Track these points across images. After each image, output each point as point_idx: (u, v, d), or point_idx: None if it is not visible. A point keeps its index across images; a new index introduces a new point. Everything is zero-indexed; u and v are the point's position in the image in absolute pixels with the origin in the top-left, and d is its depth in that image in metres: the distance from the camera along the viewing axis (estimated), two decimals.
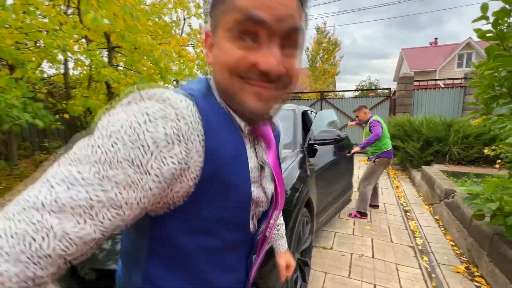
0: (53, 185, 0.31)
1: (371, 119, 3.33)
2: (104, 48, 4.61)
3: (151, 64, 3.73)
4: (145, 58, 3.82)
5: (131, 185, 0.33)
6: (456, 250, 2.52)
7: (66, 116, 3.80)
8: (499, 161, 3.19)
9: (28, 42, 3.45)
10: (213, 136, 0.39)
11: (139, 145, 0.33)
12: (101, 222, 0.32)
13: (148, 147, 0.33)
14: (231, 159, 0.42)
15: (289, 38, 0.39)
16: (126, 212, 0.34)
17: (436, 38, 23.63)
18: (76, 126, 4.99)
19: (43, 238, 0.29)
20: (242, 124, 0.45)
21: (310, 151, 2.39)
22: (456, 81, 7.94)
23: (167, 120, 0.34)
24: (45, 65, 5.00)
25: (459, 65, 19.29)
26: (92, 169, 0.32)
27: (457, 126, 4.75)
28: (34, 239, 0.29)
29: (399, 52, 23.55)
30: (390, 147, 3.28)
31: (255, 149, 0.50)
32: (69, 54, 3.57)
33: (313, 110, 3.86)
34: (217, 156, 0.39)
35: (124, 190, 0.33)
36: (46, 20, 2.98)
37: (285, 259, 0.79)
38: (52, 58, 2.96)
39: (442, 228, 2.97)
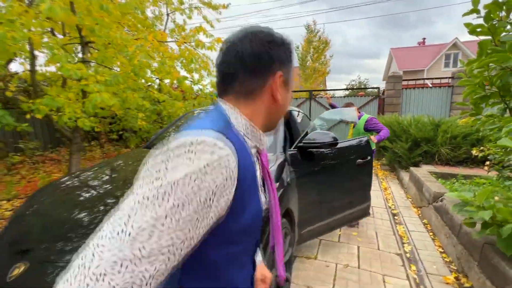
0: (135, 238, 0.34)
1: (367, 117, 3.24)
2: (78, 43, 4.32)
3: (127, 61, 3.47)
4: (120, 54, 3.56)
5: (201, 221, 0.40)
6: (445, 257, 2.40)
7: (38, 116, 3.50)
8: (487, 162, 3.11)
9: None
10: (242, 167, 0.45)
11: (204, 186, 0.39)
12: (181, 255, 0.39)
13: (212, 189, 0.40)
14: (250, 181, 0.49)
15: None
16: (195, 242, 0.41)
17: (424, 38, 23.98)
18: (53, 126, 4.66)
19: (141, 280, 0.34)
20: (253, 149, 0.56)
21: (302, 154, 2.21)
22: (443, 81, 7.96)
23: (221, 166, 0.41)
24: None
25: (446, 65, 19.62)
26: (169, 215, 0.36)
27: (445, 126, 4.68)
28: (135, 283, 0.34)
29: (389, 52, 23.78)
30: (374, 147, 3.23)
31: (259, 159, 0.62)
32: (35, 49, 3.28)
33: (299, 111, 3.70)
34: (243, 183, 0.46)
35: (195, 227, 0.39)
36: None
37: (260, 271, 0.79)
38: (6, 52, 2.65)
39: (431, 233, 2.86)
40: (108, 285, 0.32)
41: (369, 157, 2.58)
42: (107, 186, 1.85)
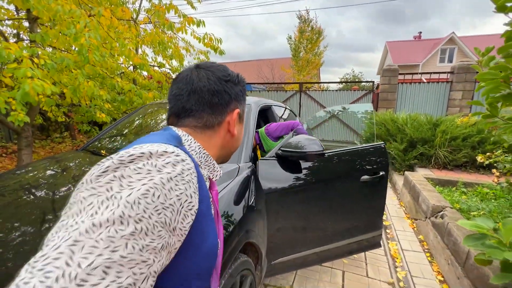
0: (84, 279, 0.26)
1: (264, 130, 2.33)
2: (25, 19, 3.66)
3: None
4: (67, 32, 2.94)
5: (163, 250, 0.34)
6: None
7: None
8: (495, 170, 2.70)
9: None
10: (200, 187, 0.42)
11: (167, 205, 0.34)
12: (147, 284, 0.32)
13: (176, 208, 0.36)
14: (207, 207, 0.44)
15: None
16: (157, 273, 0.34)
17: (420, 32, 23.54)
18: None
19: None
20: (218, 171, 0.56)
21: (282, 164, 1.72)
22: (442, 76, 7.56)
23: (185, 181, 0.38)
24: None
25: (441, 60, 19.33)
26: (129, 244, 0.30)
27: (444, 126, 4.26)
28: None
29: (384, 45, 23.31)
30: None
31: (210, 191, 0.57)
32: None
33: (285, 106, 3.19)
34: (201, 205, 0.42)
35: (159, 254, 0.33)
36: None
37: None
38: None
39: (428, 254, 2.45)
40: None
41: (381, 173, 1.88)
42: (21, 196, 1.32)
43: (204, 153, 0.52)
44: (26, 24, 4.03)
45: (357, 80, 25.74)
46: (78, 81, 3.10)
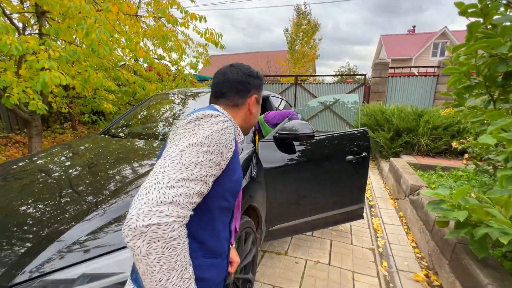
0: (188, 167, 0.55)
1: (263, 117, 2.77)
2: (33, 13, 3.82)
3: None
4: (78, 27, 3.14)
5: (218, 165, 0.62)
6: (417, 253, 2.34)
7: None
8: (466, 155, 3.04)
9: None
10: (234, 140, 0.69)
11: (223, 140, 0.63)
12: (208, 186, 0.60)
13: (227, 143, 0.64)
14: (236, 154, 0.71)
15: None
16: (214, 178, 0.62)
17: (414, 26, 23.82)
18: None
19: (191, 194, 0.54)
20: (242, 136, 0.81)
21: (278, 145, 2.01)
22: (430, 70, 7.89)
23: (231, 130, 0.66)
24: None
25: (434, 54, 19.68)
26: (206, 156, 0.58)
27: (427, 117, 4.61)
28: (188, 194, 0.54)
29: (379, 39, 23.54)
30: None
31: None
32: None
33: (281, 98, 3.46)
34: (234, 151, 0.68)
35: (216, 168, 0.61)
36: None
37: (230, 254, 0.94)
38: None
39: (405, 227, 2.80)
40: (175, 192, 0.51)
41: (364, 154, 2.20)
42: (58, 174, 1.59)
43: (233, 122, 0.76)
44: (27, 16, 4.17)
45: (352, 73, 26.02)
46: (88, 73, 3.32)
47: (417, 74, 7.79)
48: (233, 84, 0.77)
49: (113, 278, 0.88)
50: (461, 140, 3.11)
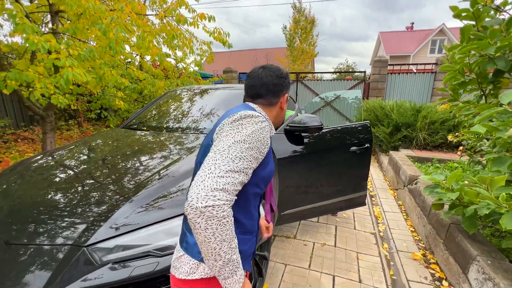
0: (234, 160, 0.65)
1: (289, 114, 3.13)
2: (46, 12, 3.96)
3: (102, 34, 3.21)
4: (95, 26, 3.29)
5: (257, 159, 0.70)
6: (415, 236, 2.55)
7: (5, 91, 3.24)
8: (461, 147, 3.25)
9: None
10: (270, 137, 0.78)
11: (261, 138, 0.71)
12: (249, 176, 0.69)
13: (264, 141, 0.72)
14: (270, 148, 0.78)
15: None
16: (251, 172, 0.70)
17: (412, 23, 23.97)
18: (24, 103, 4.29)
19: (235, 182, 0.64)
20: (275, 130, 0.90)
21: (288, 137, 2.18)
22: (428, 67, 8.08)
23: (267, 129, 0.75)
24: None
25: (432, 51, 19.87)
26: (248, 152, 0.67)
27: (425, 112, 4.81)
28: (234, 183, 0.64)
29: (377, 36, 23.69)
30: None
31: None
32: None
33: None
34: (269, 146, 0.76)
35: (255, 161, 0.70)
36: None
37: (263, 222, 1.15)
38: None
39: (404, 214, 3.01)
40: (225, 181, 0.61)
41: (366, 145, 2.39)
42: (83, 165, 1.77)
43: (268, 120, 0.84)
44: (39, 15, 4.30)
45: (350, 70, 26.19)
46: (103, 70, 3.47)
47: (415, 71, 7.98)
48: (269, 87, 0.85)
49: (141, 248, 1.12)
50: (456, 134, 3.31)
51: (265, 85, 0.84)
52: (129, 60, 5.61)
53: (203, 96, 2.75)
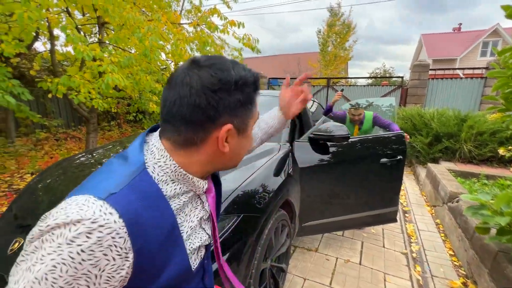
0: None
1: (373, 114, 3.03)
2: (94, 24, 4.36)
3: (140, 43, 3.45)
4: (134, 35, 3.54)
5: None
6: (454, 261, 2.28)
7: (58, 95, 3.65)
8: None
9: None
10: (140, 236, 0.40)
11: (80, 275, 0.35)
12: None
13: (94, 274, 0.36)
14: (165, 237, 0.44)
15: None
16: None
17: (460, 24, 22.02)
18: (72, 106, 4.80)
19: None
20: (201, 186, 0.52)
21: (312, 145, 2.11)
22: (477, 71, 7.33)
23: (103, 247, 0.36)
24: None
25: (483, 53, 18.02)
26: None
27: (471, 122, 4.33)
28: None
29: (419, 38, 22.18)
30: None
31: (200, 199, 0.55)
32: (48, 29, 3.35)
33: (314, 100, 3.54)
34: (148, 247, 0.41)
35: None
36: None
37: (286, 94, 0.83)
38: (25, 32, 2.75)
39: (442, 235, 2.72)
40: None
41: (399, 157, 2.20)
42: None
43: (180, 172, 0.47)
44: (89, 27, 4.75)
45: (387, 75, 24.81)
46: (139, 76, 3.71)
47: (462, 76, 7.28)
48: (181, 110, 0.44)
49: None
50: (510, 147, 2.92)
51: (177, 104, 0.44)
52: (164, 66, 5.96)
53: None
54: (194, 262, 0.53)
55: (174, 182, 0.48)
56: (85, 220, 0.35)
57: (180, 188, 0.48)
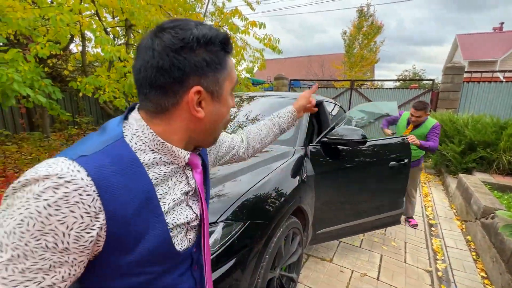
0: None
1: (435, 123, 2.65)
2: (123, 26, 4.56)
3: None
4: None
5: (59, 266, 0.37)
6: (487, 284, 2.05)
7: (88, 93, 3.86)
8: None
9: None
10: (111, 198, 0.39)
11: (47, 230, 0.35)
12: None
13: (62, 231, 0.36)
14: (136, 210, 0.42)
15: None
16: (64, 280, 0.38)
17: (502, 23, 20.30)
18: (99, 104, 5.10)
19: None
20: (182, 156, 0.50)
21: (325, 150, 2.03)
22: None
23: (70, 203, 0.36)
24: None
25: None
26: (9, 268, 0.34)
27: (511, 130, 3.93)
28: None
29: (454, 39, 20.76)
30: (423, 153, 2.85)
31: (185, 173, 0.53)
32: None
33: (335, 102, 3.41)
34: (121, 212, 0.40)
35: (53, 272, 0.36)
36: None
37: (300, 102, 0.96)
38: (59, 34, 2.92)
39: (474, 253, 2.47)
40: None
41: (405, 160, 2.26)
42: None
43: (158, 140, 0.46)
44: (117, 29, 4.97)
45: (417, 77, 23.49)
46: None
47: (502, 79, 6.66)
48: (147, 75, 0.43)
49: None
50: None
51: (143, 70, 0.43)
52: None
53: (249, 103, 2.73)
54: (180, 242, 0.51)
55: (153, 152, 0.47)
56: (52, 176, 0.36)
57: (160, 158, 0.47)
